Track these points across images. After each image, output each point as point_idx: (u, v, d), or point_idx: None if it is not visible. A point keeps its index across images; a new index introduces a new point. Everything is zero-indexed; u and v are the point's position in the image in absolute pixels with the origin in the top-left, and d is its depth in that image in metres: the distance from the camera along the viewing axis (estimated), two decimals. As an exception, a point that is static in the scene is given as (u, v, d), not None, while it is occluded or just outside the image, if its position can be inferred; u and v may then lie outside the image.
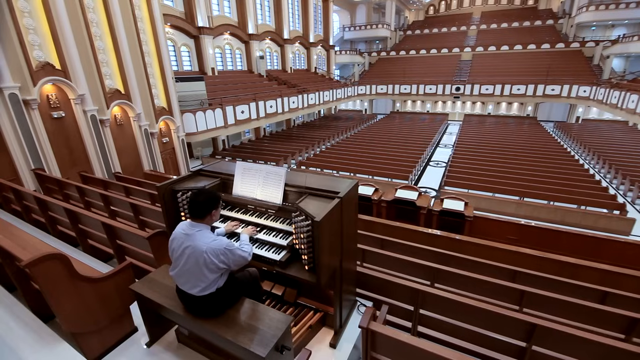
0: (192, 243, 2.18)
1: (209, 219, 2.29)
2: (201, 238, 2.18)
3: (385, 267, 4.24)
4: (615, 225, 8.12)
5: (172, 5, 14.47)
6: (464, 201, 6.65)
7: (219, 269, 2.21)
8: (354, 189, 2.77)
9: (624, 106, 15.10)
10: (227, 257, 2.21)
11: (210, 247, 2.15)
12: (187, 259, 2.20)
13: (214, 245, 2.17)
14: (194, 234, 2.20)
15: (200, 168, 3.43)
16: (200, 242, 2.16)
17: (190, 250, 2.18)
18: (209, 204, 2.25)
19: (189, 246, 2.19)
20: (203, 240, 2.17)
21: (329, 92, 21.46)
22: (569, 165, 12.37)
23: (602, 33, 26.34)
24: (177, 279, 2.31)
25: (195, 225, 2.25)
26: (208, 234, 2.23)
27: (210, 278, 2.21)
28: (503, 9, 33.63)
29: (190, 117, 11.66)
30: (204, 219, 2.26)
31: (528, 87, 21.36)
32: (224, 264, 2.22)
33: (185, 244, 2.20)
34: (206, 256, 2.14)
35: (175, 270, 2.29)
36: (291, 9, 22.21)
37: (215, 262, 2.17)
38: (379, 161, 13.14)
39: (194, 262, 2.17)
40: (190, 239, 2.19)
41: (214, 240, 2.20)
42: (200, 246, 2.15)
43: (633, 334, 3.01)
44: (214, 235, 2.28)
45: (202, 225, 2.26)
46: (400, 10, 35.40)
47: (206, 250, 2.14)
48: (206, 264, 2.16)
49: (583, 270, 4.38)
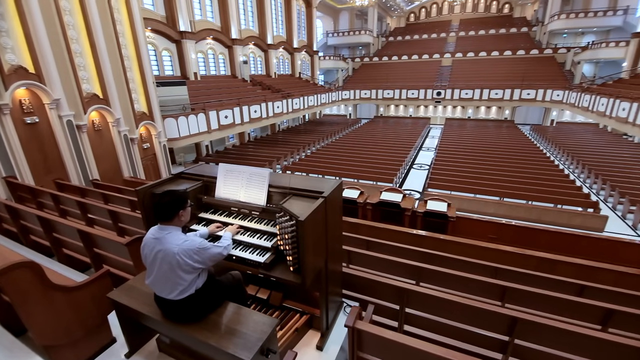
0: (163, 247, 2.11)
1: (178, 221, 2.22)
2: (172, 240, 2.12)
3: (371, 267, 4.25)
4: (589, 222, 8.46)
5: (152, 10, 14.24)
6: (446, 202, 6.78)
7: (194, 269, 2.16)
8: (338, 189, 2.77)
9: (595, 109, 15.87)
10: (201, 255, 2.15)
11: (182, 248, 2.09)
12: (160, 264, 2.13)
13: (186, 246, 2.11)
14: (163, 237, 2.13)
15: (181, 171, 3.36)
16: (171, 245, 2.10)
17: (162, 255, 2.11)
18: (175, 204, 2.19)
19: (160, 250, 2.12)
20: (174, 242, 2.11)
21: (314, 97, 21.57)
22: (545, 166, 12.85)
23: (572, 40, 27.70)
24: (154, 287, 2.24)
25: (164, 228, 2.18)
26: (178, 236, 2.17)
27: (187, 279, 2.15)
28: (480, 16, 34.88)
29: (172, 122, 11.44)
30: (172, 220, 2.19)
31: (505, 92, 22.14)
32: (199, 263, 2.16)
33: (156, 249, 2.13)
34: (179, 258, 2.08)
35: (151, 277, 2.21)
36: (274, 14, 22.29)
37: (190, 262, 2.11)
38: (363, 165, 13.26)
39: (168, 266, 2.11)
40: (161, 243, 2.13)
41: (185, 241, 2.14)
42: (171, 248, 2.09)
43: (609, 324, 3.12)
44: (186, 235, 2.21)
45: (171, 227, 2.19)
46: (382, 17, 36.13)
47: (178, 252, 2.08)
48: (180, 266, 2.10)
49: (560, 265, 4.53)
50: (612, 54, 21.84)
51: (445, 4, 35.65)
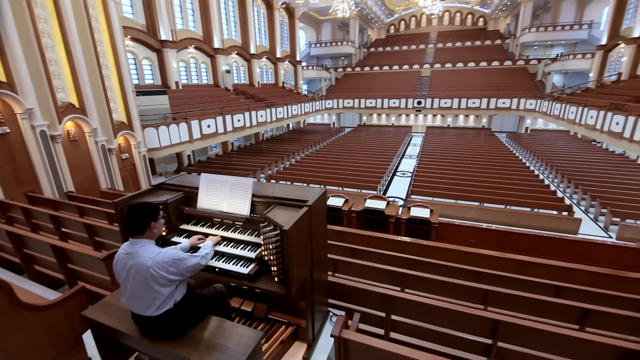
0: (136, 261, 2.03)
1: (150, 233, 2.14)
2: (144, 253, 2.04)
3: (356, 275, 4.25)
4: (564, 225, 8.81)
5: (132, 18, 14.04)
6: (429, 208, 6.91)
7: (170, 281, 2.08)
8: (323, 197, 2.78)
9: (565, 117, 16.70)
10: (176, 266, 2.08)
11: (155, 260, 2.02)
12: (134, 279, 2.04)
13: (160, 259, 2.03)
14: (135, 252, 2.05)
15: (162, 182, 3.28)
16: (144, 258, 2.02)
17: (135, 270, 2.03)
18: (145, 216, 2.11)
19: (133, 265, 2.03)
20: (147, 256, 2.03)
21: (297, 106, 21.68)
22: (521, 171, 13.35)
23: (543, 52, 29.23)
24: (130, 304, 2.15)
25: (136, 242, 2.10)
26: (151, 249, 2.09)
27: (163, 293, 2.07)
28: (456, 29, 36.32)
29: (153, 131, 11.20)
30: (143, 233, 2.11)
31: (482, 101, 22.99)
32: (175, 275, 2.09)
33: (129, 264, 2.05)
34: (153, 272, 2.00)
35: (126, 295, 2.12)
36: (257, 24, 22.43)
37: (165, 275, 2.03)
38: (348, 173, 13.35)
39: (142, 281, 2.02)
40: (133, 257, 2.04)
41: (158, 253, 2.06)
42: (144, 262, 2.01)
43: (586, 323, 3.23)
44: (160, 248, 2.14)
45: (144, 240, 2.11)
46: (363, 28, 37.00)
47: (152, 265, 2.00)
48: (155, 279, 2.02)
49: (539, 267, 4.68)
50: (579, 65, 23.17)
51: (424, 17, 36.93)
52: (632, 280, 4.40)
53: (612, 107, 12.76)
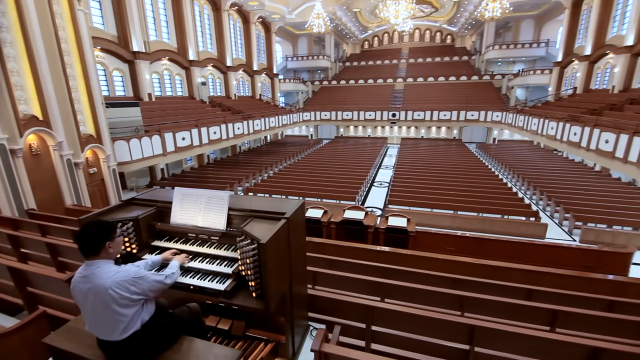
0: (93, 284, 1.89)
1: (106, 253, 2.00)
2: (102, 275, 1.91)
3: (337, 287, 4.23)
4: (532, 230, 9.25)
5: (103, 29, 13.65)
6: (406, 218, 7.05)
7: (133, 301, 1.95)
8: (301, 209, 2.77)
9: (528, 128, 17.78)
10: (138, 285, 1.96)
11: (114, 280, 1.89)
12: (94, 304, 1.90)
13: (119, 277, 1.91)
14: (92, 274, 1.91)
15: (132, 197, 3.15)
16: (102, 280, 1.89)
17: (93, 293, 1.89)
18: (100, 235, 1.97)
19: (90, 288, 1.89)
20: (104, 276, 1.90)
21: (275, 118, 21.71)
22: (490, 180, 13.97)
23: (506, 68, 31.20)
24: (94, 330, 2.00)
25: (91, 263, 1.96)
26: (109, 268, 1.96)
27: (127, 314, 1.93)
28: (426, 46, 38.12)
29: (124, 144, 10.78)
30: (98, 254, 1.97)
31: (452, 113, 24.05)
32: (138, 295, 1.97)
33: (86, 288, 1.90)
34: (112, 292, 1.87)
35: (88, 321, 1.98)
36: (233, 37, 22.47)
37: (126, 295, 1.91)
38: (326, 184, 13.42)
39: (102, 304, 1.88)
40: (90, 280, 1.90)
41: (117, 272, 1.94)
42: (102, 284, 1.88)
43: (555, 324, 3.38)
44: (119, 267, 2.01)
45: (100, 261, 1.97)
46: (338, 43, 37.98)
47: (110, 285, 1.87)
48: (115, 301, 1.88)
49: (511, 272, 4.87)
50: (539, 80, 24.91)
51: (396, 34, 38.49)
52: (595, 280, 4.67)
53: (569, 119, 13.74)
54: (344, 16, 29.95)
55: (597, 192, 12.07)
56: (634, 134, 9.53)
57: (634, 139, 9.52)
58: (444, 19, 34.19)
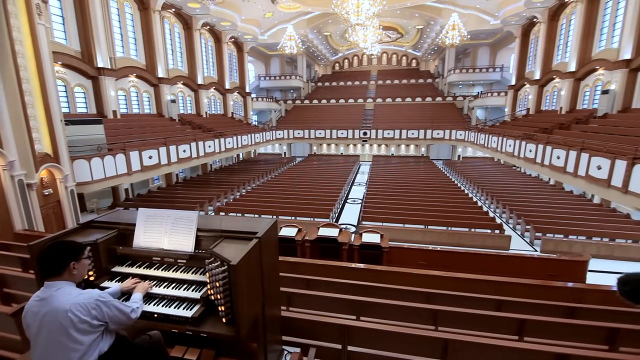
0: (51, 307, 1.72)
1: (69, 275, 1.85)
2: (62, 297, 1.74)
3: (312, 308, 4.13)
4: (497, 242, 9.68)
5: (65, 44, 13.10)
6: (379, 233, 7.12)
7: (93, 327, 1.77)
8: (273, 228, 2.71)
9: (489, 145, 18.95)
10: (100, 311, 1.80)
11: (75, 302, 1.73)
12: (49, 331, 1.70)
13: (81, 299, 1.76)
14: (51, 296, 1.75)
15: (91, 219, 2.94)
16: (62, 302, 1.72)
17: (50, 318, 1.70)
18: (64, 254, 1.84)
19: (47, 313, 1.71)
20: (65, 299, 1.73)
21: (247, 136, 21.55)
22: (457, 195, 14.59)
23: (467, 90, 33.46)
24: None
25: (52, 285, 1.79)
26: (71, 291, 1.81)
27: (84, 342, 1.73)
28: (394, 68, 40.17)
29: (84, 164, 10.16)
30: (61, 274, 1.82)
31: (420, 132, 25.18)
32: (99, 320, 1.80)
33: (42, 312, 1.72)
34: (71, 315, 1.70)
35: (37, 352, 1.74)
36: (205, 56, 22.39)
37: (87, 319, 1.74)
38: (300, 202, 13.35)
39: (58, 330, 1.69)
40: (48, 303, 1.73)
41: (80, 294, 1.79)
42: (61, 306, 1.71)
43: (523, 333, 3.49)
44: (81, 289, 1.86)
45: (62, 282, 1.81)
46: (310, 64, 39.01)
47: (70, 307, 1.71)
48: (74, 325, 1.70)
49: (482, 283, 5.01)
50: (496, 101, 26.92)
51: (365, 57, 40.27)
52: (557, 288, 4.92)
53: (525, 137, 14.83)
54: (315, 39, 30.96)
55: (553, 205, 12.96)
56: (581, 151, 10.44)
57: (581, 155, 10.42)
58: (409, 44, 36.35)
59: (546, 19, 18.82)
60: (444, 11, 23.27)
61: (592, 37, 15.94)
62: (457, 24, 21.10)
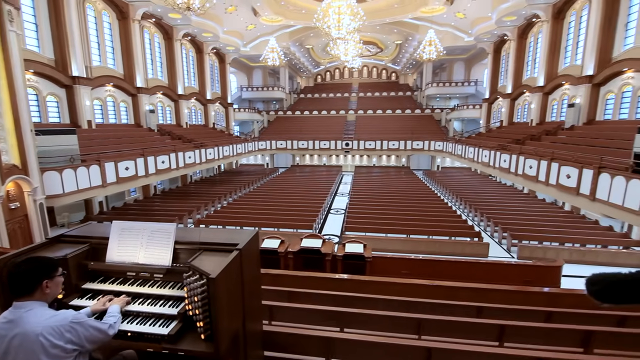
0: (21, 329, 1.59)
1: (41, 294, 1.74)
2: (33, 319, 1.63)
3: (295, 321, 4.04)
4: (476, 249, 9.91)
5: (38, 52, 12.63)
6: (363, 243, 7.14)
7: (66, 352, 1.65)
8: (255, 239, 2.66)
9: (466, 156, 19.60)
10: (75, 334, 1.68)
11: (47, 325, 1.62)
12: (16, 355, 1.57)
13: (54, 322, 1.64)
14: (21, 317, 1.63)
15: (61, 234, 2.78)
16: (32, 325, 1.60)
17: (18, 341, 1.58)
18: (37, 272, 1.73)
19: (16, 335, 1.58)
20: (36, 321, 1.62)
21: (229, 147, 21.30)
22: (437, 204, 14.92)
23: (444, 103, 34.70)
24: None
25: (22, 305, 1.67)
26: (43, 312, 1.69)
27: None
28: (374, 81, 41.21)
29: (55, 176, 9.69)
30: (32, 294, 1.71)
31: (400, 143, 25.76)
32: (74, 344, 1.68)
33: (10, 335, 1.59)
34: (43, 340, 1.58)
35: None
36: (186, 66, 22.17)
37: (60, 344, 1.62)
38: (283, 213, 13.23)
39: (27, 355, 1.57)
40: (17, 325, 1.60)
41: (53, 316, 1.67)
42: (32, 329, 1.59)
43: (504, 338, 3.54)
44: (54, 310, 1.75)
45: (33, 303, 1.70)
46: (293, 76, 39.39)
47: (42, 331, 1.59)
48: (45, 351, 1.58)
49: (463, 291, 5.09)
50: (472, 114, 28.03)
51: (346, 70, 41.10)
52: (534, 293, 5.07)
53: (499, 148, 15.45)
54: (298, 51, 31.39)
55: (527, 212, 13.48)
56: (551, 161, 10.97)
57: (552, 164, 10.94)
58: (388, 58, 37.47)
59: (516, 37, 19.96)
60: (421, 28, 24.24)
61: (557, 54, 17.01)
62: (433, 40, 22.00)
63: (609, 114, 14.07)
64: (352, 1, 14.89)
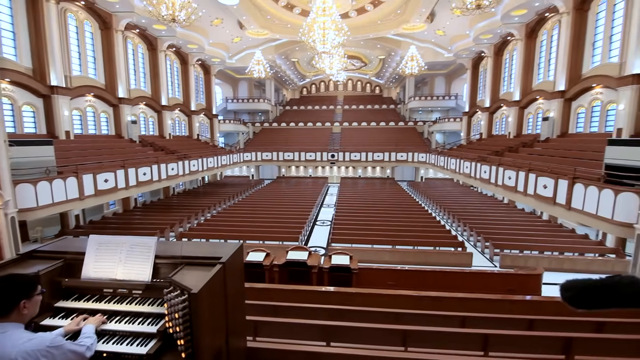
0: None
1: (18, 315, 1.66)
2: (9, 342, 1.55)
3: (280, 336, 3.95)
4: (460, 259, 10.05)
5: (15, 60, 12.26)
6: (349, 255, 7.13)
7: None
8: (239, 252, 2.61)
9: (448, 167, 20.09)
10: (52, 358, 1.61)
11: (22, 350, 1.54)
12: None
13: (30, 347, 1.57)
14: None
15: (34, 249, 2.65)
16: (7, 349, 1.53)
17: None
18: (14, 291, 1.65)
19: None
20: (12, 344, 1.54)
21: (213, 158, 21.04)
22: (422, 215, 15.13)
23: (426, 116, 35.68)
24: None
25: None
26: (19, 335, 1.62)
27: None
28: (359, 94, 42.05)
29: (29, 188, 9.27)
30: (8, 315, 1.63)
31: (385, 154, 26.18)
32: None
33: None
34: None
35: None
36: (170, 77, 21.98)
37: None
38: (269, 225, 13.07)
39: None
40: None
41: (29, 340, 1.60)
42: (7, 354, 1.52)
43: (488, 348, 3.57)
44: (31, 333, 1.67)
45: (8, 324, 1.62)
46: (278, 88, 39.67)
47: (17, 356, 1.51)
48: None
49: (448, 300, 5.13)
50: (453, 126, 28.92)
51: (331, 83, 41.80)
52: (516, 302, 5.16)
53: (479, 159, 15.93)
54: (283, 64, 31.71)
55: (508, 222, 13.84)
56: (528, 172, 11.38)
57: (529, 175, 11.35)
58: (372, 72, 38.41)
59: (492, 54, 20.92)
60: (403, 44, 25.05)
61: (531, 70, 17.90)
62: (415, 55, 22.75)
63: (580, 127, 14.82)
64: (337, 17, 15.27)
